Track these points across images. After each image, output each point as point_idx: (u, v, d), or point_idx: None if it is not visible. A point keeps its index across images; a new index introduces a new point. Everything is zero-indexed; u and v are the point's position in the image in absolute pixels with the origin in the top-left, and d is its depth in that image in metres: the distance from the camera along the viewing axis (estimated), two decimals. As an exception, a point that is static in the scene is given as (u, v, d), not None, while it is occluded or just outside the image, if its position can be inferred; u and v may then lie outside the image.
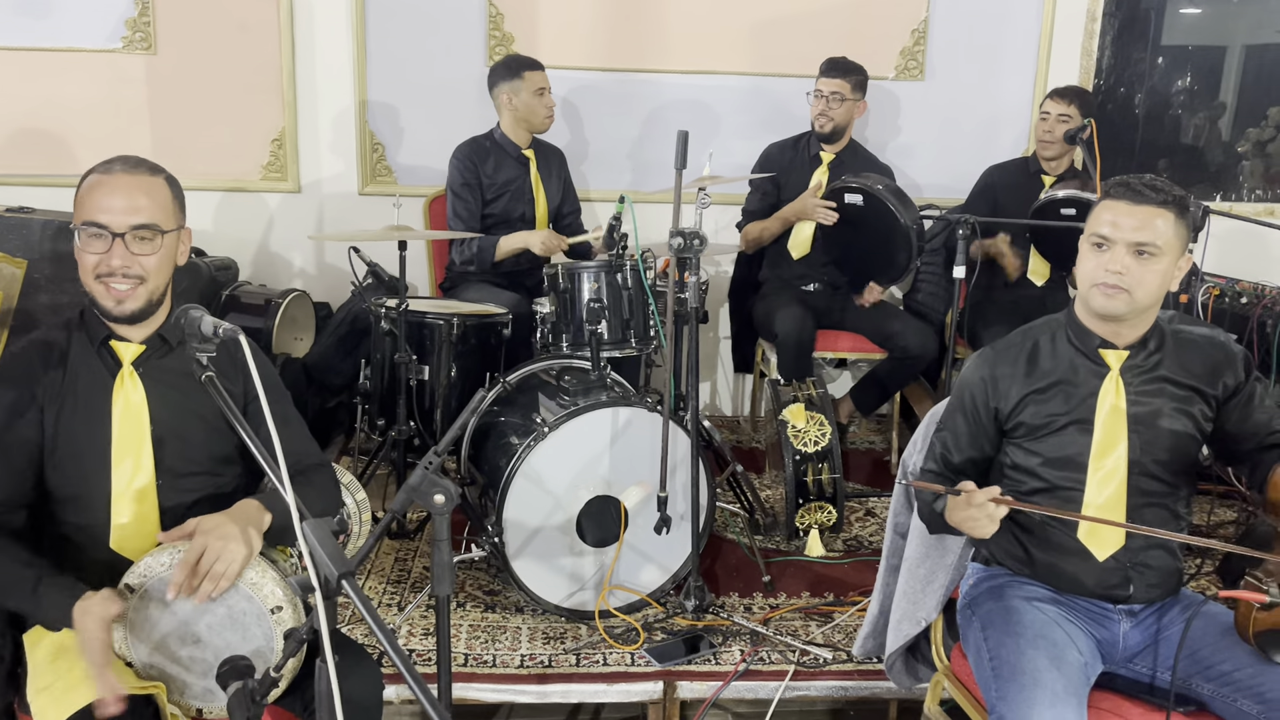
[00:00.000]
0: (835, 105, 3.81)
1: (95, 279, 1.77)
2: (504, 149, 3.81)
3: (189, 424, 1.86)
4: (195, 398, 1.82)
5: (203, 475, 1.87)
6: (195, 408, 1.85)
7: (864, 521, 3.52)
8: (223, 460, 1.90)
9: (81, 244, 1.78)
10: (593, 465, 2.76)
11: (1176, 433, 1.94)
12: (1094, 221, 1.92)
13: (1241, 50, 4.54)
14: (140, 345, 1.84)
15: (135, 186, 1.78)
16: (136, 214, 1.77)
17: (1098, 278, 1.89)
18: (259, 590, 1.67)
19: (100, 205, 1.76)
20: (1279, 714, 1.76)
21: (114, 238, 1.75)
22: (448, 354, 3.28)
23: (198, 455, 1.87)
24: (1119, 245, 1.87)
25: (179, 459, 1.85)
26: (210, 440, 1.88)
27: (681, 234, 2.70)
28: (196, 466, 1.87)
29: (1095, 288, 1.89)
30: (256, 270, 4.28)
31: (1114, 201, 1.90)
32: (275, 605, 1.67)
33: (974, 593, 2.08)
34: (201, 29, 4.07)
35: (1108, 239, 1.88)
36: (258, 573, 1.68)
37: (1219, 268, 3.90)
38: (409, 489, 1.58)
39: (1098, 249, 1.90)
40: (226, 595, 1.67)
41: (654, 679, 2.54)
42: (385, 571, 3.05)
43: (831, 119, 3.82)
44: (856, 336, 3.87)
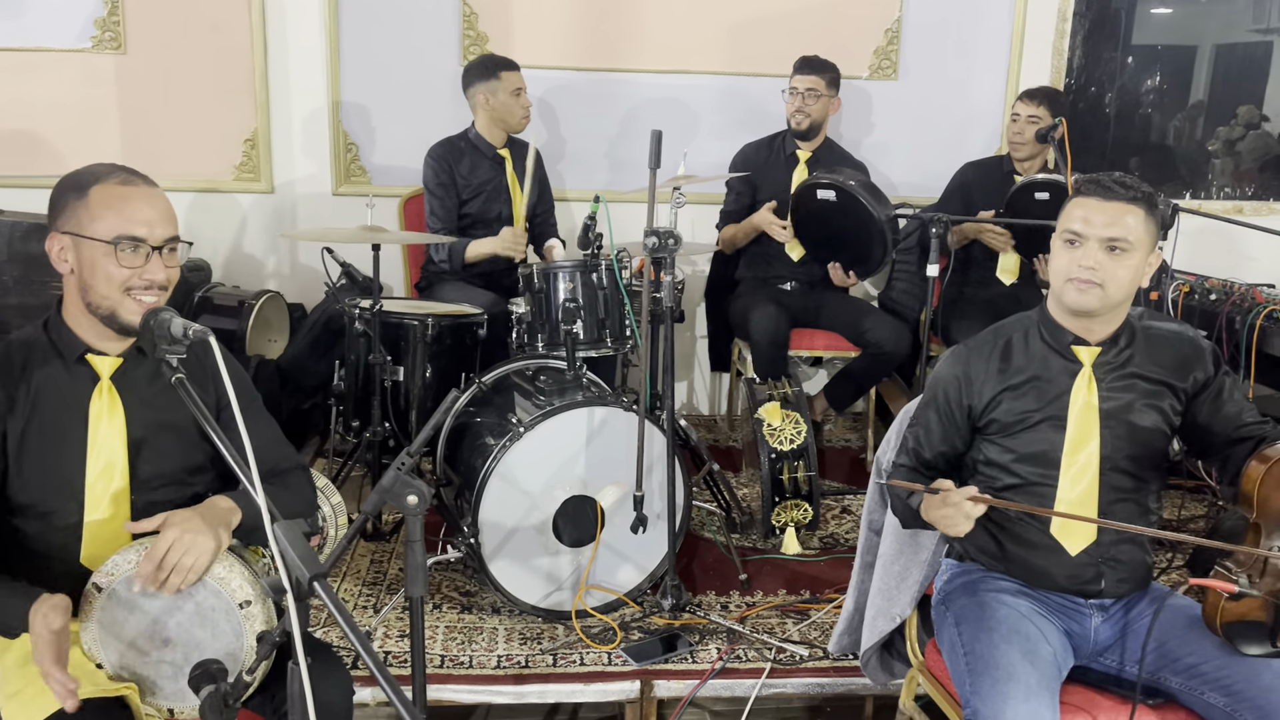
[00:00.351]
0: (811, 101, 3.83)
1: (124, 292, 1.73)
2: (478, 149, 3.80)
3: (163, 436, 1.83)
4: (169, 408, 1.79)
5: (173, 486, 1.84)
6: (169, 419, 1.82)
7: (840, 519, 3.54)
8: (195, 470, 1.88)
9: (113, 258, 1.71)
10: (569, 465, 2.76)
11: (1147, 428, 1.96)
12: (1066, 218, 1.94)
13: (1211, 49, 4.60)
14: (118, 358, 1.80)
15: (158, 198, 1.78)
16: (168, 225, 1.76)
17: (1071, 273, 1.90)
18: (226, 585, 1.66)
19: (137, 217, 1.72)
20: (1244, 706, 1.78)
21: (152, 251, 1.73)
22: (423, 355, 3.27)
23: (171, 467, 1.84)
24: (1091, 241, 1.89)
25: (152, 472, 1.82)
26: (184, 451, 1.85)
27: (656, 233, 2.71)
28: (169, 478, 1.84)
29: (1069, 283, 1.91)
30: (229, 272, 4.25)
31: (1085, 198, 1.92)
32: (244, 600, 1.66)
33: (948, 588, 2.09)
34: (172, 29, 4.03)
35: (1080, 235, 1.90)
36: (225, 568, 1.68)
37: (1189, 265, 3.95)
38: (381, 490, 1.57)
39: (1070, 245, 1.92)
40: (194, 591, 1.65)
41: (631, 678, 2.54)
42: (360, 574, 3.03)
43: (808, 115, 3.84)
44: (831, 334, 3.89)
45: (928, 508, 1.88)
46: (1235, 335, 3.31)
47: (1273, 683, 1.77)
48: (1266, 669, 1.80)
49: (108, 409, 1.78)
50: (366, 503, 1.65)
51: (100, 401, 1.78)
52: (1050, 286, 1.98)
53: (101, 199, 1.73)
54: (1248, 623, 1.82)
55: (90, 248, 1.72)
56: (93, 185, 1.74)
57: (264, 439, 1.93)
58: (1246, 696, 1.78)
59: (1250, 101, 4.64)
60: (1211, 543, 1.86)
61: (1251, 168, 4.68)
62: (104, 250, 1.71)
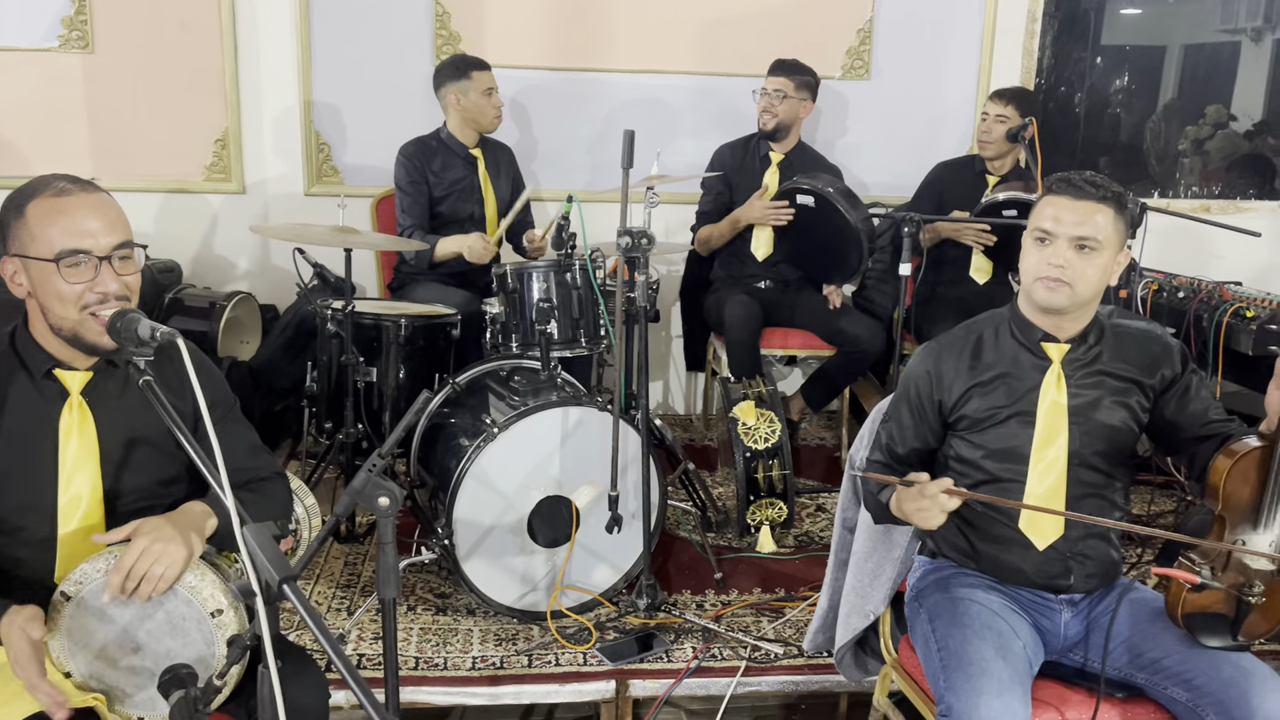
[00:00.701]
0: (777, 102, 3.84)
1: (81, 311, 1.65)
2: (451, 149, 3.78)
3: (137, 449, 1.79)
4: (143, 420, 1.75)
5: (149, 499, 1.80)
6: (143, 431, 1.78)
7: (815, 517, 3.55)
8: (170, 481, 1.84)
9: (59, 275, 1.62)
10: (543, 465, 2.75)
11: (1115, 425, 1.98)
12: (1037, 217, 1.95)
13: (1180, 50, 4.65)
14: (87, 372, 1.75)
15: (101, 204, 1.68)
16: (115, 232, 1.67)
17: (1041, 271, 1.92)
18: (198, 594, 1.64)
19: (77, 229, 1.63)
20: (1205, 700, 1.80)
21: (99, 262, 1.65)
22: (396, 355, 3.25)
23: (145, 481, 1.80)
24: (1061, 239, 1.90)
25: (127, 486, 1.78)
26: (158, 463, 1.81)
27: (629, 233, 2.71)
28: (144, 493, 1.80)
29: (1038, 281, 1.93)
30: (200, 273, 4.22)
31: (1056, 197, 1.93)
32: (215, 609, 1.65)
33: (920, 585, 2.11)
34: (140, 28, 3.99)
35: (1050, 233, 1.91)
36: (196, 576, 1.65)
37: (1157, 263, 3.99)
38: (352, 492, 1.56)
39: (1041, 244, 1.93)
40: (164, 599, 1.63)
41: (606, 678, 2.54)
42: (334, 576, 3.01)
43: (775, 115, 3.85)
44: (806, 333, 3.90)
45: (901, 501, 1.88)
46: (1203, 332, 3.35)
47: (1232, 676, 1.79)
48: (1226, 663, 1.82)
49: (78, 425, 1.74)
50: (338, 505, 1.64)
51: (70, 417, 1.74)
52: (1020, 284, 1.99)
53: (38, 215, 1.64)
54: (1210, 614, 1.84)
55: (37, 268, 1.64)
56: (28, 202, 1.66)
57: (241, 446, 1.91)
58: (1207, 691, 1.80)
59: (1218, 101, 4.69)
60: (1176, 535, 1.88)
61: (1219, 167, 4.74)
62: (49, 269, 1.63)
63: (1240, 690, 1.77)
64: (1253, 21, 4.62)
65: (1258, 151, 4.76)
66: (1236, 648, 1.85)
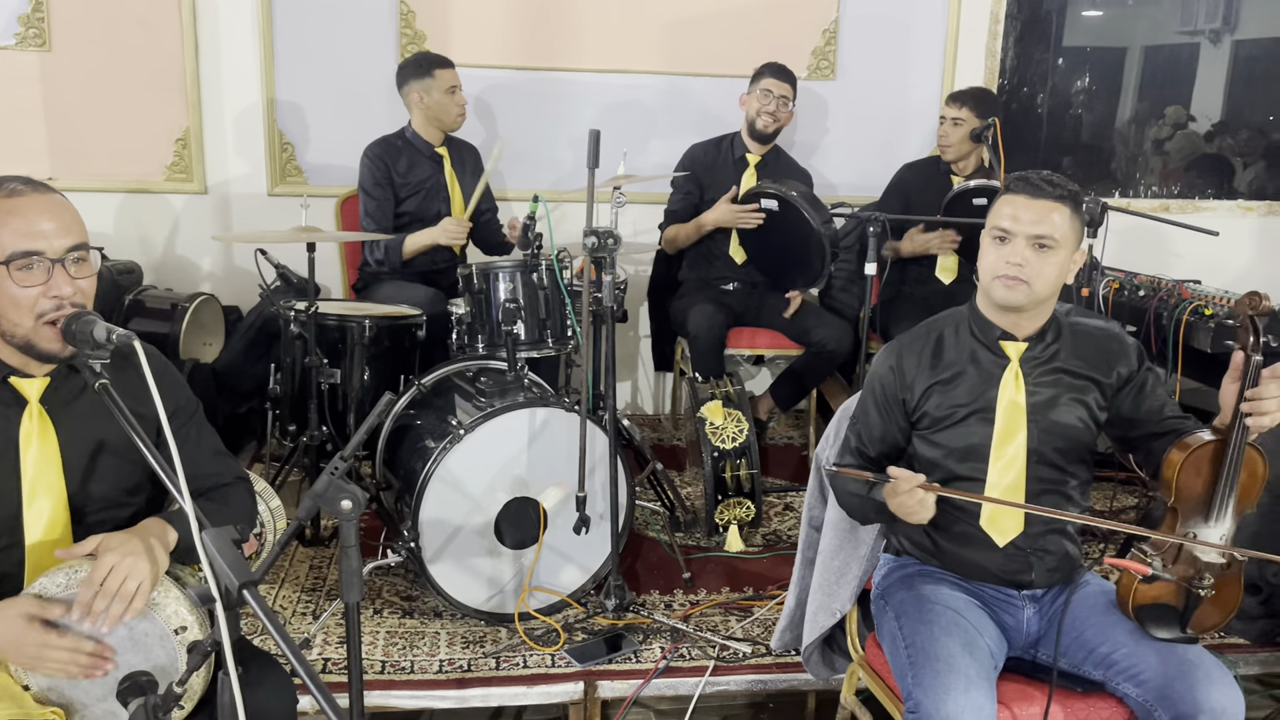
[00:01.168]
0: (783, 108, 3.84)
1: (36, 319, 1.60)
2: (416, 148, 3.76)
3: (100, 456, 1.75)
4: (104, 426, 1.71)
5: (111, 508, 1.77)
6: (105, 437, 1.74)
7: (783, 516, 3.56)
8: (133, 488, 1.80)
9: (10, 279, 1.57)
10: (510, 467, 2.74)
11: (1072, 422, 2.00)
12: (995, 215, 1.97)
13: (1141, 51, 4.71)
14: (45, 379, 1.71)
15: (54, 205, 1.63)
16: (69, 234, 1.62)
17: (999, 270, 1.94)
18: (162, 610, 1.61)
19: (29, 230, 1.57)
20: (1152, 695, 1.83)
21: (53, 264, 1.60)
22: (360, 357, 3.23)
23: (109, 488, 1.76)
24: (1019, 238, 1.92)
25: (91, 494, 1.74)
26: (121, 470, 1.77)
27: (595, 233, 2.70)
28: (106, 501, 1.76)
29: (997, 280, 1.94)
30: (162, 274, 4.16)
31: (1013, 196, 1.95)
32: (179, 625, 1.62)
33: (886, 583, 2.12)
34: (99, 25, 3.93)
35: (1008, 232, 1.93)
36: (160, 592, 1.62)
37: (1118, 262, 4.04)
38: (314, 495, 1.55)
39: (999, 242, 1.95)
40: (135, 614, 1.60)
41: (574, 679, 2.54)
42: (300, 580, 2.98)
43: (776, 119, 3.85)
44: (774, 334, 3.91)
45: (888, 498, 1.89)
46: (1163, 330, 3.40)
47: (1178, 670, 1.82)
48: (1173, 656, 1.84)
49: (38, 433, 1.69)
50: (299, 508, 1.63)
51: (30, 425, 1.69)
52: (979, 282, 2.01)
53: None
54: (1160, 606, 1.87)
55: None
56: None
57: (204, 451, 1.88)
58: (1153, 686, 1.83)
59: (1178, 102, 4.76)
60: (1131, 528, 1.91)
61: (1178, 167, 4.81)
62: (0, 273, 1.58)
63: (1186, 684, 1.79)
64: (1211, 23, 4.69)
65: (1216, 151, 4.84)
66: (1186, 640, 1.87)
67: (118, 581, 1.56)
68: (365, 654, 2.61)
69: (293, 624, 2.76)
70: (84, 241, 1.66)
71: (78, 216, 1.68)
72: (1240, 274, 4.65)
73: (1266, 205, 4.86)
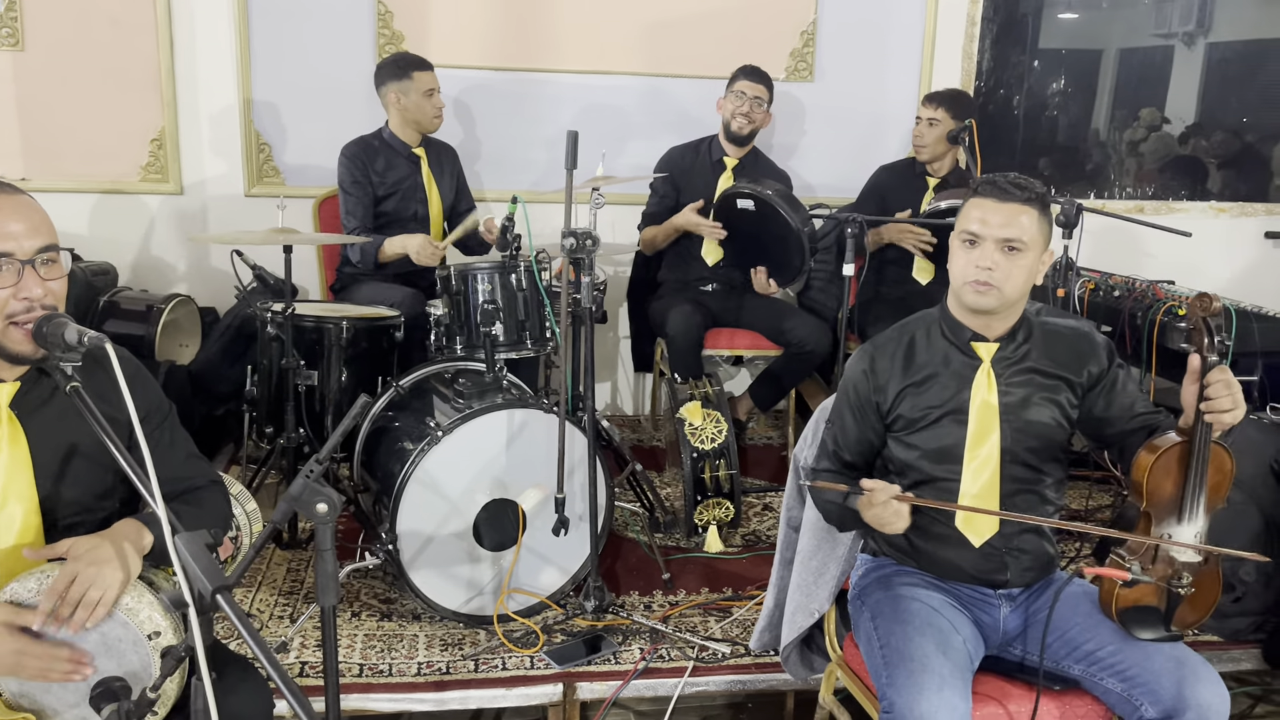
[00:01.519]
0: (758, 109, 3.85)
1: (4, 321, 1.59)
2: (393, 148, 3.75)
3: (71, 461, 1.73)
4: (75, 430, 1.69)
5: (83, 512, 1.75)
6: (76, 441, 1.72)
7: (762, 516, 3.57)
8: (105, 493, 1.78)
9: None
10: (489, 468, 2.73)
11: (1045, 421, 2.01)
12: (964, 219, 1.98)
13: (1116, 53, 4.75)
14: (15, 383, 1.69)
15: (23, 206, 1.62)
16: (39, 235, 1.61)
17: (969, 275, 1.94)
18: (135, 615, 1.60)
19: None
20: (1139, 690, 1.84)
21: (22, 266, 1.58)
22: (338, 358, 3.21)
23: (79, 494, 1.74)
24: (988, 241, 1.93)
25: (62, 499, 1.72)
26: (93, 475, 1.76)
27: (574, 234, 2.70)
28: (78, 505, 1.74)
29: (967, 284, 1.95)
30: (137, 275, 4.13)
31: (981, 199, 1.96)
32: (153, 631, 1.60)
33: (863, 583, 2.13)
34: (72, 24, 3.90)
35: (978, 235, 1.94)
36: (134, 597, 1.61)
37: (1094, 262, 4.08)
38: (290, 498, 1.54)
39: (969, 246, 1.95)
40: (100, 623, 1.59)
41: (553, 681, 2.53)
42: (277, 583, 2.97)
43: (753, 121, 3.86)
44: (753, 334, 3.92)
45: (862, 509, 1.89)
46: (1137, 330, 3.43)
47: (1165, 666, 1.84)
48: (1159, 653, 1.86)
49: (9, 437, 1.67)
50: (275, 512, 1.62)
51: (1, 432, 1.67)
52: (950, 286, 2.02)
53: None
54: (1142, 608, 1.89)
55: None
56: None
57: (177, 454, 1.86)
58: (1140, 681, 1.84)
59: (1152, 104, 4.81)
60: (1105, 530, 1.92)
61: (1153, 168, 4.85)
62: None
63: (1174, 679, 1.81)
64: (1185, 26, 4.74)
65: (1190, 153, 4.88)
66: (1169, 638, 1.89)
67: (81, 591, 1.55)
68: (343, 657, 2.59)
69: (270, 628, 2.74)
70: (53, 242, 1.65)
71: (46, 217, 1.66)
72: (1213, 275, 4.70)
73: (1239, 207, 4.91)
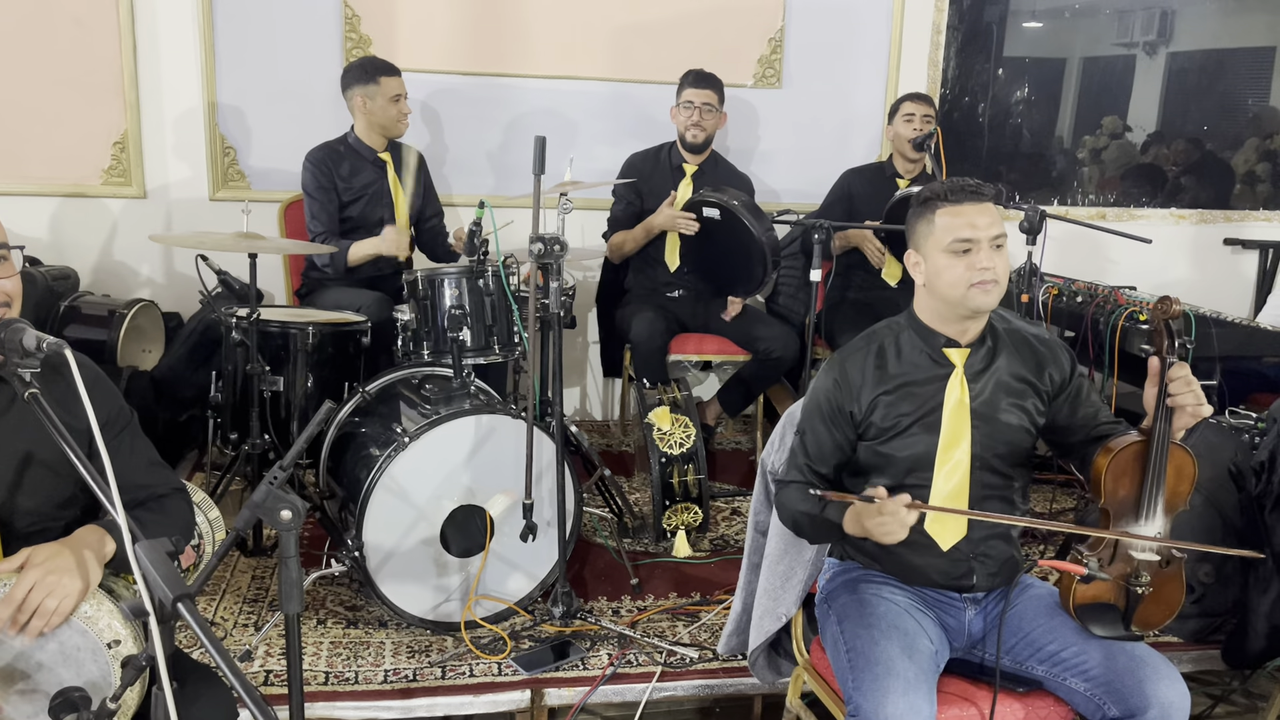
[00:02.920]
0: (707, 116, 3.85)
1: None
2: (359, 153, 3.72)
3: (27, 470, 1.70)
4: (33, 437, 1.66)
5: (43, 521, 1.72)
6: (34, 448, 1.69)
7: (730, 521, 3.58)
8: (65, 503, 1.76)
9: None
10: (456, 474, 2.72)
11: (1013, 426, 2.03)
12: (946, 230, 1.95)
13: (1079, 62, 4.81)
14: None
15: None
16: None
17: (973, 279, 1.93)
18: (94, 624, 1.58)
19: None
20: (1101, 689, 1.86)
21: None
22: (304, 364, 3.18)
23: (38, 504, 1.72)
24: (983, 243, 1.93)
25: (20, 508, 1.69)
26: (52, 483, 1.73)
27: (542, 239, 2.69)
28: (37, 515, 1.72)
29: (974, 288, 1.93)
30: (99, 280, 4.07)
31: (960, 205, 1.95)
32: (113, 639, 1.58)
33: (830, 587, 2.14)
34: (33, 24, 3.84)
35: (973, 241, 1.93)
36: (93, 605, 1.59)
37: (1057, 268, 4.13)
38: (253, 505, 1.53)
39: (964, 254, 1.93)
40: (58, 630, 1.57)
41: (521, 688, 2.52)
42: (241, 591, 2.93)
43: (704, 129, 3.87)
44: (721, 339, 3.93)
45: (862, 517, 1.85)
46: (1099, 335, 3.47)
47: (1127, 665, 1.86)
48: (1121, 652, 1.88)
49: None
50: (237, 518, 1.60)
51: None
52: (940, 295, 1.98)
53: None
54: (1100, 605, 1.91)
55: None
56: None
57: (139, 462, 1.84)
58: (1103, 680, 1.86)
59: (1114, 112, 4.88)
60: (1063, 526, 1.95)
61: (1114, 175, 4.92)
62: None
63: (1136, 679, 1.83)
64: (1146, 36, 4.81)
65: (1151, 161, 4.96)
66: (1129, 638, 1.91)
67: (39, 598, 1.53)
68: (308, 665, 2.57)
69: (234, 636, 2.71)
70: (4, 242, 1.63)
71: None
72: (1174, 280, 4.78)
73: (1199, 214, 5.00)
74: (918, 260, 2.01)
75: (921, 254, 2.00)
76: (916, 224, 2.01)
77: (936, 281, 1.98)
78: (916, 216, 2.01)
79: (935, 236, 1.96)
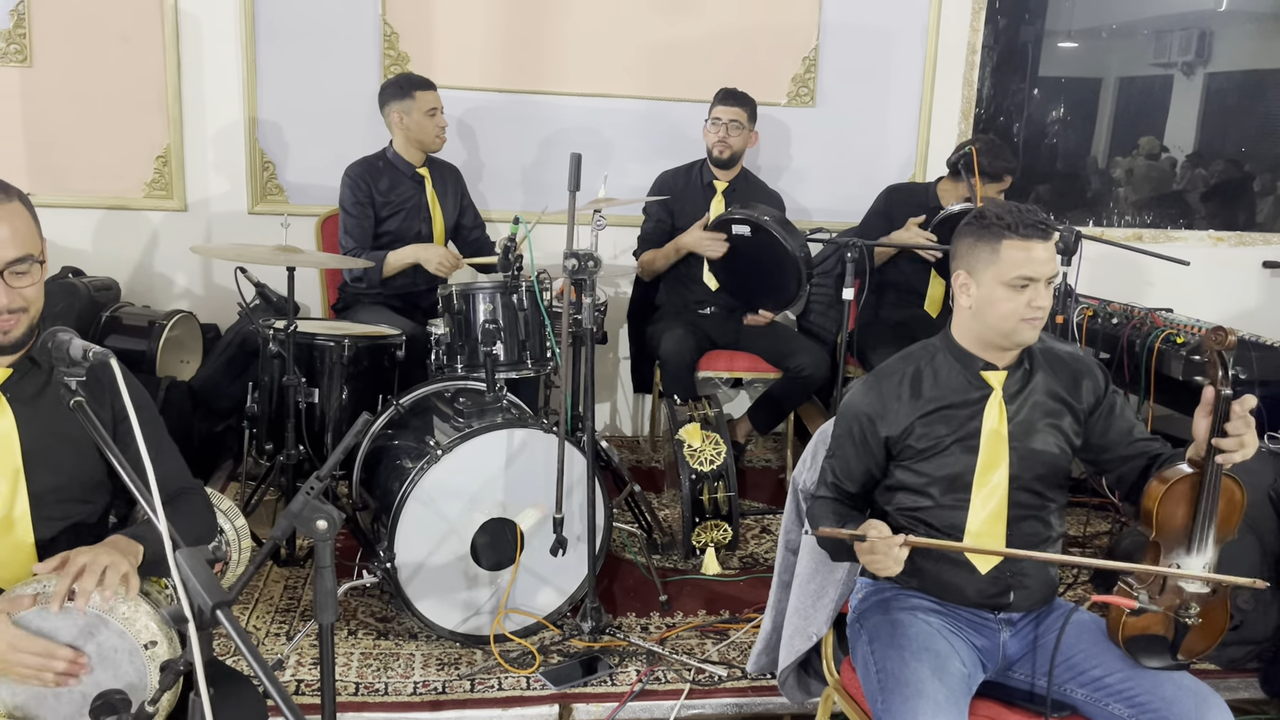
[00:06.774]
0: (735, 133, 3.87)
1: None
2: (397, 168, 3.77)
3: (57, 448, 1.77)
4: (62, 420, 1.72)
5: (71, 502, 1.78)
6: (63, 430, 1.76)
7: (760, 539, 3.57)
8: (92, 486, 1.82)
9: None
10: (488, 488, 2.74)
11: (1050, 448, 2.02)
12: (1013, 264, 1.91)
13: (1115, 82, 4.78)
14: (7, 369, 1.74)
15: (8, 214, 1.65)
16: (13, 246, 1.64)
17: (1024, 314, 1.92)
18: (131, 625, 1.60)
19: None
20: (1147, 716, 1.84)
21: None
22: (339, 376, 3.22)
23: (66, 482, 1.78)
24: (1041, 282, 1.92)
25: (47, 486, 1.76)
26: (79, 465, 1.79)
27: (575, 255, 2.71)
28: (65, 494, 1.78)
29: (1024, 322, 1.93)
30: (140, 291, 4.14)
31: (1028, 241, 1.91)
32: (149, 640, 1.61)
33: (862, 607, 2.13)
34: (81, 41, 3.93)
35: (1033, 278, 1.91)
36: (130, 607, 1.61)
37: (1092, 290, 4.09)
38: (290, 515, 1.55)
39: (1022, 289, 1.92)
40: (96, 631, 1.59)
41: (549, 702, 2.53)
42: (274, 600, 2.96)
43: (730, 146, 3.88)
44: (752, 357, 3.93)
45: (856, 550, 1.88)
46: (1135, 357, 3.44)
47: (1174, 694, 1.83)
48: (1169, 681, 1.86)
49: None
50: (275, 528, 1.62)
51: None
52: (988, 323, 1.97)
53: None
54: (1149, 636, 1.89)
55: None
56: None
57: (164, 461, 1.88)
58: (1150, 708, 1.84)
59: (1151, 133, 4.84)
60: (1116, 564, 1.92)
61: (1151, 197, 4.88)
62: None
63: (1184, 708, 1.81)
64: (1184, 56, 4.78)
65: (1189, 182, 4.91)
66: (1176, 667, 1.90)
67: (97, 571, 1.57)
68: (339, 675, 2.59)
69: (266, 645, 2.74)
70: (29, 254, 1.67)
71: (30, 226, 1.69)
72: (1210, 303, 4.72)
73: (1237, 236, 4.94)
74: (967, 282, 1.98)
75: (975, 279, 1.97)
76: (978, 247, 1.96)
77: (987, 310, 1.96)
78: (978, 239, 1.96)
79: (998, 268, 1.93)
